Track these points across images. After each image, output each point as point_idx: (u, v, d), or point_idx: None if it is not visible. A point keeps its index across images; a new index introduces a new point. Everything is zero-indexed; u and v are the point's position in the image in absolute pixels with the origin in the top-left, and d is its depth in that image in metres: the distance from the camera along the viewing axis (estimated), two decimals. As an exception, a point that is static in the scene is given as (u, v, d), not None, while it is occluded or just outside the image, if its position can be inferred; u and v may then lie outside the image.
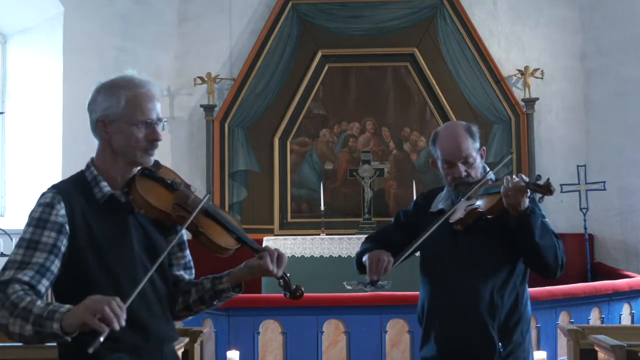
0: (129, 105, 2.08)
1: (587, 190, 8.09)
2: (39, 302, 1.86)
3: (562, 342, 5.36)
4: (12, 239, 6.41)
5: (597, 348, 3.86)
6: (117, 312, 1.79)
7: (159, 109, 2.14)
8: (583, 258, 8.10)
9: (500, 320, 2.62)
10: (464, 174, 2.68)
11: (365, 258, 2.74)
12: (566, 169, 8.48)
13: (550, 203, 8.61)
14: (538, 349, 5.50)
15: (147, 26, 8.56)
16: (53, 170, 7.76)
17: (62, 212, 2.01)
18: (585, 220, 8.09)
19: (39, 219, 2.00)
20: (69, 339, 1.82)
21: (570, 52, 8.84)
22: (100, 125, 2.10)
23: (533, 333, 5.58)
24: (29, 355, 3.52)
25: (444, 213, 2.68)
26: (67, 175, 2.20)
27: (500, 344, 2.60)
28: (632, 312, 6.36)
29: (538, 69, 8.62)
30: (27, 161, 8.02)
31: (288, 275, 2.23)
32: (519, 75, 8.66)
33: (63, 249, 2.00)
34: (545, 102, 8.72)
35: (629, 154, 8.38)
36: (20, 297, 1.87)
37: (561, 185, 8.18)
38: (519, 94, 8.68)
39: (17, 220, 7.65)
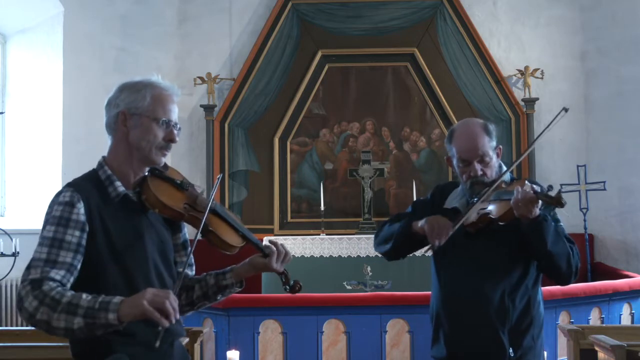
0: (154, 101, 2.15)
1: (587, 190, 8.10)
2: (84, 296, 1.90)
3: (562, 342, 5.36)
4: (12, 239, 6.41)
5: (597, 348, 3.86)
6: (175, 307, 1.88)
7: (177, 114, 2.22)
8: (583, 258, 8.07)
9: (510, 324, 2.58)
10: (479, 172, 2.63)
11: (422, 223, 2.60)
12: (566, 169, 8.48)
13: (550, 203, 8.63)
14: (538, 349, 5.50)
15: (147, 26, 8.56)
16: (53, 170, 7.76)
17: (82, 210, 2.04)
18: (585, 220, 8.09)
19: (61, 218, 2.02)
20: (121, 328, 1.89)
21: (570, 52, 8.85)
22: (121, 118, 2.14)
23: (533, 333, 5.58)
24: (29, 355, 3.52)
25: (457, 211, 2.65)
26: (67, 175, 2.21)
27: (510, 348, 2.57)
28: (632, 312, 6.36)
29: (538, 69, 8.62)
30: (27, 161, 8.02)
31: (286, 271, 2.30)
32: (519, 75, 8.66)
33: (84, 247, 2.03)
34: (545, 102, 8.72)
35: (629, 154, 8.39)
36: (61, 293, 1.90)
37: (561, 185, 8.17)
38: (519, 94, 8.68)
39: (17, 220, 7.66)
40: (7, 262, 6.36)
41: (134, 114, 2.13)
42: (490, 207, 2.54)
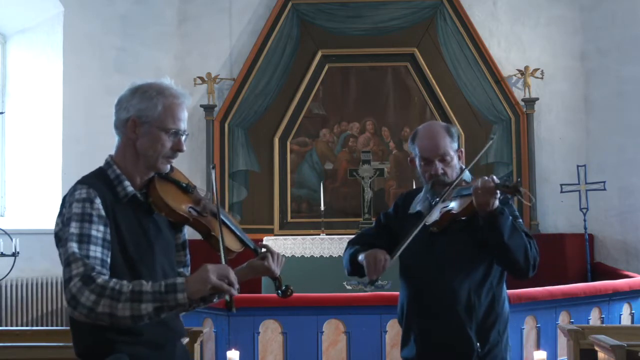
0: (164, 111, 2.14)
1: (587, 190, 8.09)
2: (144, 282, 1.93)
3: (562, 342, 5.36)
4: (12, 239, 6.41)
5: (597, 348, 3.86)
6: (236, 278, 1.98)
7: (186, 120, 2.21)
8: (583, 258, 8.10)
9: (477, 320, 2.64)
10: (440, 171, 2.70)
11: (361, 257, 2.74)
12: (566, 169, 8.48)
13: (550, 203, 8.64)
14: (538, 349, 5.50)
15: (147, 26, 8.57)
16: (53, 171, 7.76)
17: (101, 206, 2.04)
18: (585, 220, 8.09)
19: (83, 214, 2.01)
20: (189, 309, 1.99)
21: (570, 52, 8.85)
22: (131, 125, 2.13)
23: (533, 333, 5.59)
24: (29, 355, 3.52)
25: (421, 215, 2.70)
26: (67, 175, 2.21)
27: (478, 343, 2.63)
28: (632, 312, 6.37)
29: (538, 69, 8.62)
30: (27, 161, 8.02)
31: (280, 276, 2.34)
32: (519, 75, 8.67)
33: (110, 241, 2.04)
34: (545, 102, 8.73)
35: (629, 154, 8.38)
36: (119, 283, 1.92)
37: (561, 185, 8.19)
38: (519, 94, 8.68)
39: (17, 220, 7.66)
40: (7, 262, 6.37)
41: (144, 122, 2.12)
42: (452, 204, 2.61)
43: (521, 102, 8.60)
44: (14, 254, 6.35)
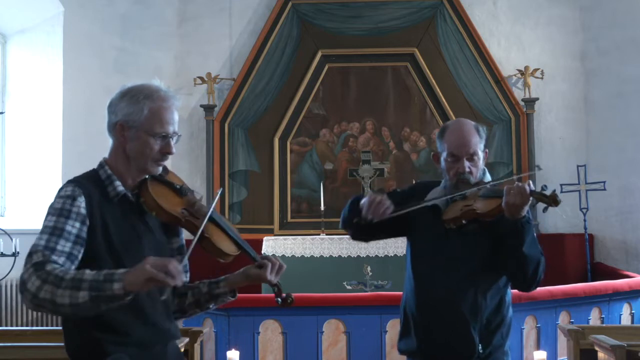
0: (151, 116, 2.13)
1: (587, 190, 8.10)
2: (88, 271, 1.89)
3: (562, 342, 5.37)
4: (12, 239, 6.41)
5: (597, 348, 3.86)
6: (179, 269, 1.86)
7: (177, 122, 2.20)
8: (583, 258, 8.10)
9: (482, 321, 2.62)
10: (467, 170, 2.65)
11: (364, 200, 2.62)
12: (566, 169, 8.48)
13: (550, 203, 8.63)
14: (538, 349, 5.50)
15: (147, 26, 8.57)
16: (53, 170, 7.76)
17: (83, 204, 2.04)
18: (585, 220, 8.09)
19: (62, 209, 2.03)
20: (126, 301, 1.87)
21: (570, 52, 8.85)
22: (119, 129, 2.14)
23: (533, 333, 5.59)
24: (29, 355, 3.52)
25: (437, 208, 2.67)
26: (67, 176, 2.21)
27: (480, 345, 2.61)
28: (632, 312, 6.37)
29: (538, 69, 8.62)
30: (27, 161, 8.02)
31: (279, 283, 2.29)
32: (519, 75, 8.67)
33: (85, 239, 2.03)
34: (545, 102, 8.73)
35: (629, 154, 8.39)
36: (64, 271, 1.89)
37: (561, 185, 8.18)
38: (519, 94, 8.68)
39: (17, 220, 7.66)
40: (7, 262, 6.36)
41: (131, 126, 2.12)
42: (478, 204, 2.58)
43: (521, 102, 8.60)
44: (14, 254, 6.35)
